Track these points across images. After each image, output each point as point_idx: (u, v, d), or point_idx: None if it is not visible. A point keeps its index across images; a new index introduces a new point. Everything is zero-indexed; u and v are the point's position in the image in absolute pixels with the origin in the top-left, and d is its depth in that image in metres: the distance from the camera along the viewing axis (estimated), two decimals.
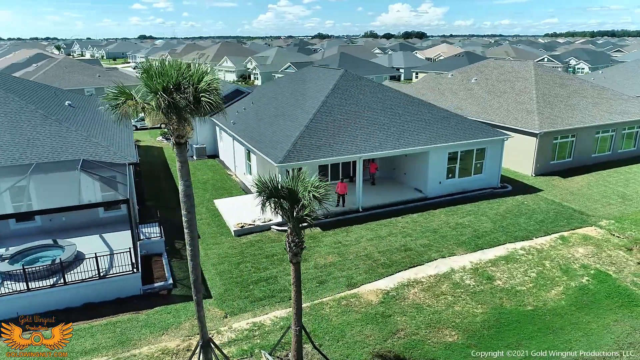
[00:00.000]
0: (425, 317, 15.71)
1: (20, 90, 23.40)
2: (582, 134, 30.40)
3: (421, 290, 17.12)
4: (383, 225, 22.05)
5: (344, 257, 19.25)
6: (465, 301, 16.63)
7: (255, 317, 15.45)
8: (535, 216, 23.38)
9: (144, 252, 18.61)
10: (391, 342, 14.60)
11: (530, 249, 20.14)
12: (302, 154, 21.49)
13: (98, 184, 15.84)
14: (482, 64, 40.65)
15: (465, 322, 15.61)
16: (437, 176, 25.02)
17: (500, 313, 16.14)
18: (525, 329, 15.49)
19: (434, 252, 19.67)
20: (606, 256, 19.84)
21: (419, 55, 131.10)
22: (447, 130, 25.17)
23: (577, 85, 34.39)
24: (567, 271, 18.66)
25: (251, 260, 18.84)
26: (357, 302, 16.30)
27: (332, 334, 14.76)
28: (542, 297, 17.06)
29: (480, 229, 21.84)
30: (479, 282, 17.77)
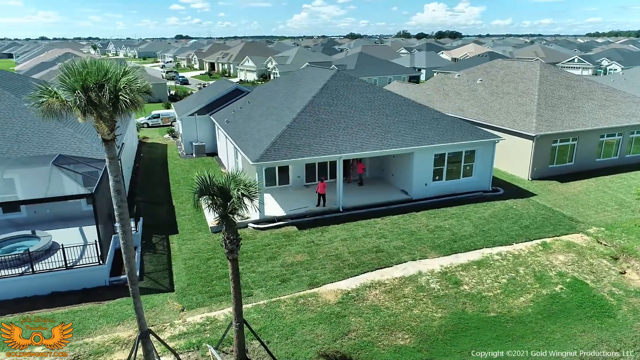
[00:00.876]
0: (380, 319, 15.59)
1: (18, 87, 24.54)
2: (584, 137, 29.27)
3: (382, 292, 16.99)
4: (360, 226, 21.94)
5: (313, 256, 19.29)
6: (426, 305, 16.40)
7: (210, 312, 15.74)
8: (521, 221, 22.72)
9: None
10: (340, 342, 14.58)
11: (507, 255, 19.61)
12: (280, 153, 21.65)
13: (67, 179, 16.48)
14: (489, 64, 39.71)
15: (421, 326, 15.40)
16: (422, 178, 24.67)
17: (460, 318, 15.84)
18: (484, 335, 15.16)
19: (406, 255, 19.44)
20: (587, 264, 19.11)
21: (444, 56, 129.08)
22: (434, 132, 24.78)
23: (585, 87, 33.11)
24: (541, 278, 18.09)
25: (221, 257, 19.14)
26: (315, 302, 16.33)
27: (282, 332, 14.86)
28: (509, 304, 16.63)
29: (460, 232, 21.42)
30: (445, 286, 17.46)
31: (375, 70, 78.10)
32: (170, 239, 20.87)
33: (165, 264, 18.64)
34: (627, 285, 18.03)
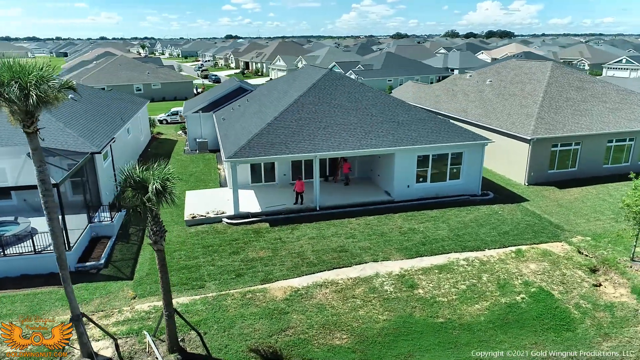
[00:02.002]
0: (323, 317, 15.59)
1: None
2: (588, 141, 27.72)
3: (333, 292, 16.95)
4: (333, 226, 21.91)
5: (276, 253, 19.50)
6: (373, 307, 16.22)
7: (159, 301, 16.21)
8: (502, 227, 21.89)
9: (94, 234, 20.28)
10: (276, 338, 14.72)
11: (474, 261, 19.00)
12: (255, 151, 21.99)
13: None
14: (502, 64, 38.32)
15: (362, 327, 15.27)
16: (404, 179, 24.27)
17: (405, 322, 15.56)
18: (425, 340, 14.84)
19: (368, 256, 19.26)
20: (559, 274, 18.20)
21: (483, 56, 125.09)
22: (419, 133, 24.31)
23: (599, 89, 31.31)
24: (504, 286, 17.42)
25: (186, 249, 19.75)
26: (262, 297, 16.55)
27: (222, 324, 15.18)
28: (461, 310, 16.15)
29: (432, 236, 20.94)
30: (399, 289, 17.18)
31: (402, 70, 77.00)
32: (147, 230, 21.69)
33: (133, 254, 19.45)
34: (598, 298, 17.03)
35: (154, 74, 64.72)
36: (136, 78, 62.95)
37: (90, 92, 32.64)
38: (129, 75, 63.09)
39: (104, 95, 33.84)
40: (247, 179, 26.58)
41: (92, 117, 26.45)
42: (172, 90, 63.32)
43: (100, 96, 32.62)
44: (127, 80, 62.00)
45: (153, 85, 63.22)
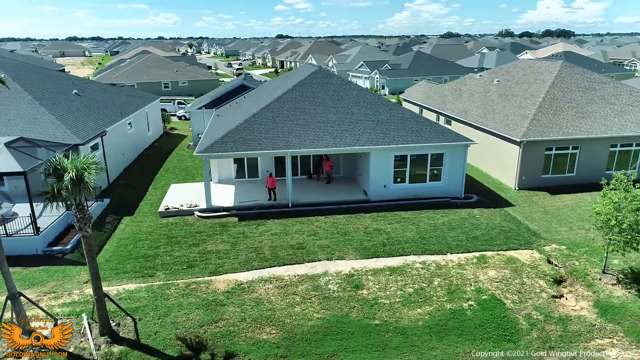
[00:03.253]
0: (257, 312, 15.73)
1: (30, 78, 28.11)
2: (588, 146, 26.06)
3: (275, 287, 17.04)
4: (300, 223, 21.95)
5: (235, 247, 19.82)
6: (311, 304, 16.17)
7: (109, 286, 17.00)
8: (474, 231, 21.09)
9: (70, 221, 21.44)
10: (206, 328, 15.03)
11: (431, 264, 18.46)
12: (227, 146, 22.42)
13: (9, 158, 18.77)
14: (514, 64, 36.72)
15: (294, 323, 15.29)
16: (380, 179, 23.88)
17: (339, 322, 15.41)
18: (354, 341, 14.66)
19: (324, 254, 19.17)
20: (518, 283, 17.35)
21: (527, 56, 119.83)
22: (398, 133, 23.83)
23: (610, 90, 29.33)
24: (454, 292, 16.83)
25: (151, 239, 20.47)
26: (205, 288, 16.91)
27: (158, 312, 15.67)
28: (401, 313, 15.79)
29: (396, 237, 20.51)
30: (343, 288, 17.01)
31: (430, 70, 75.25)
32: (124, 220, 22.68)
33: (102, 241, 20.38)
34: (553, 310, 16.11)
35: (181, 71, 67.07)
36: (165, 76, 65.50)
37: (99, 88, 34.39)
38: (158, 73, 65.75)
39: (113, 90, 35.54)
40: (231, 174, 27.12)
41: (90, 111, 27.90)
42: (198, 88, 65.22)
43: (108, 91, 34.29)
44: (155, 78, 64.64)
45: (180, 83, 65.53)
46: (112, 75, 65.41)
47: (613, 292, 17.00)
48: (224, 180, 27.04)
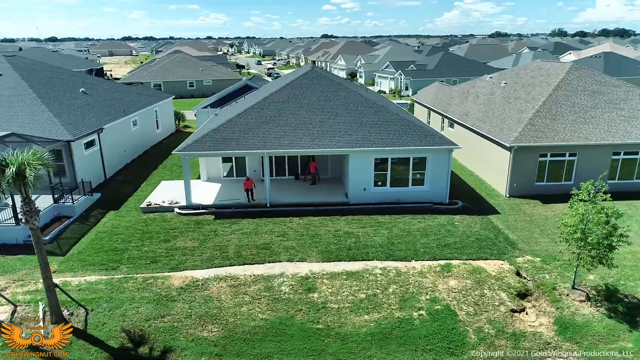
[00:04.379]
0: (204, 309, 15.97)
1: (40, 77, 29.75)
2: (588, 153, 24.58)
3: (229, 286, 17.22)
4: (273, 223, 22.03)
5: (203, 244, 20.17)
6: (259, 305, 16.24)
7: (73, 277, 17.79)
8: (447, 239, 20.43)
9: (56, 213, 22.57)
10: (151, 322, 15.42)
11: (392, 271, 18.05)
12: (205, 146, 22.85)
13: None
14: (525, 65, 35.17)
15: (237, 323, 15.42)
16: (360, 182, 23.58)
17: (282, 324, 15.41)
18: (291, 344, 14.63)
19: (286, 255, 19.17)
20: (477, 295, 16.68)
21: (570, 57, 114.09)
22: (380, 135, 23.43)
23: (620, 94, 27.53)
24: (407, 300, 16.41)
25: (126, 234, 21.17)
26: (160, 284, 17.32)
27: (111, 304, 16.22)
28: (347, 319, 15.57)
29: (365, 242, 20.19)
30: (295, 291, 16.96)
31: (456, 71, 73.22)
32: (108, 214, 23.59)
33: (80, 234, 21.30)
34: (509, 324, 15.39)
35: (207, 71, 68.79)
36: (190, 75, 67.40)
37: (109, 86, 35.88)
38: (183, 73, 67.76)
39: (123, 89, 36.94)
40: (220, 172, 27.59)
41: (92, 109, 29.20)
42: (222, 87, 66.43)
43: (117, 90, 35.70)
44: (181, 77, 66.65)
45: (205, 82, 67.20)
46: (140, 74, 68.04)
47: (579, 310, 16.03)
48: (213, 178, 27.56)
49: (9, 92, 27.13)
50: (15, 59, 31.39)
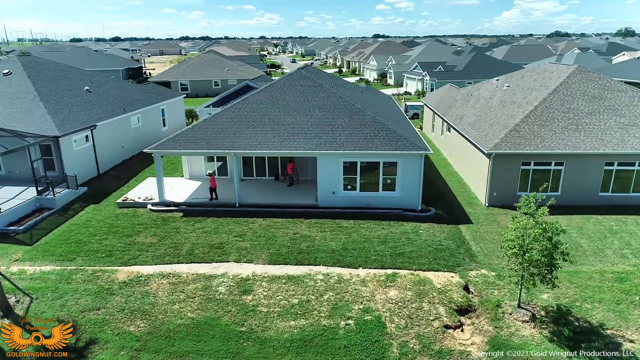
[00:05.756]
0: (138, 304, 16.35)
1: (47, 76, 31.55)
2: (576, 162, 22.89)
3: (169, 283, 17.53)
4: (236, 223, 22.17)
5: (161, 241, 20.64)
6: (192, 304, 16.41)
7: (31, 266, 18.74)
8: (404, 247, 19.74)
9: (38, 205, 23.88)
10: (85, 314, 15.97)
11: (334, 277, 17.69)
12: (176, 145, 23.36)
13: None
14: (533, 68, 33.33)
15: (164, 320, 15.67)
16: (329, 185, 23.25)
17: (207, 324, 15.50)
18: (210, 345, 14.71)
19: (236, 256, 19.25)
20: (414, 307, 16.02)
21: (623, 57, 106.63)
22: (350, 138, 22.99)
23: (624, 99, 25.42)
24: (339, 308, 16.02)
25: (95, 227, 22.04)
26: (106, 277, 17.90)
27: (56, 294, 16.95)
28: (273, 324, 15.42)
29: (318, 246, 19.89)
30: (231, 292, 17.00)
31: (486, 73, 70.14)
32: (88, 208, 24.65)
33: (55, 225, 22.39)
34: (438, 341, 14.67)
35: (232, 70, 70.26)
36: (216, 74, 69.13)
37: (118, 85, 37.45)
38: (210, 72, 69.59)
39: (130, 87, 38.42)
40: (202, 171, 28.12)
41: (91, 107, 30.62)
42: None
43: (125, 88, 37.19)
44: (207, 76, 68.50)
45: (230, 81, 68.65)
46: (169, 73, 70.58)
47: (519, 330, 15.01)
48: (195, 177, 28.15)
49: (14, 89, 28.98)
50: (28, 58, 33.47)
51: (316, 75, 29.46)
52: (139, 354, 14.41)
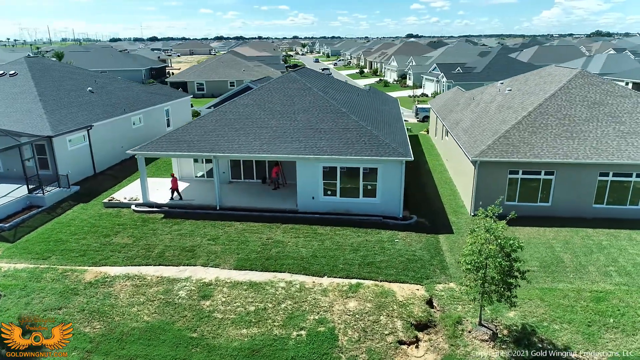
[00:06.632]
0: (98, 305, 16.54)
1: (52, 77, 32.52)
2: (567, 172, 21.71)
3: (132, 285, 17.66)
4: (212, 226, 22.15)
5: (136, 242, 20.86)
6: (151, 307, 16.47)
7: (7, 263, 19.25)
8: (376, 257, 19.22)
9: (29, 203, 24.60)
10: (47, 313, 16.28)
11: (296, 285, 17.40)
12: (159, 147, 23.57)
13: None
14: (537, 71, 31.97)
15: (120, 322, 15.79)
16: (309, 190, 22.92)
17: (160, 328, 15.52)
18: (159, 350, 14.72)
19: (204, 260, 19.23)
20: (371, 320, 15.54)
21: None
22: (330, 142, 22.60)
23: (626, 106, 23.93)
24: (294, 318, 15.73)
25: (77, 226, 22.49)
26: (74, 277, 18.21)
27: (24, 292, 17.36)
28: (224, 331, 15.31)
29: (288, 252, 19.63)
30: (190, 296, 16.97)
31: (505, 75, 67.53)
32: (76, 207, 25.21)
33: (40, 223, 22.99)
34: (389, 357, 14.18)
35: (248, 71, 70.76)
36: (232, 75, 69.80)
37: (124, 85, 38.24)
38: (225, 72, 70.34)
39: (135, 88, 39.13)
40: (192, 173, 28.32)
41: (90, 107, 31.36)
42: None
43: (129, 89, 37.94)
44: (223, 77, 69.27)
45: (245, 82, 69.12)
46: (187, 74, 71.78)
47: (476, 350, 14.31)
48: (185, 178, 28.36)
49: (17, 90, 30.02)
50: (35, 59, 34.65)
51: (308, 78, 29.17)
52: (90, 356, 14.53)
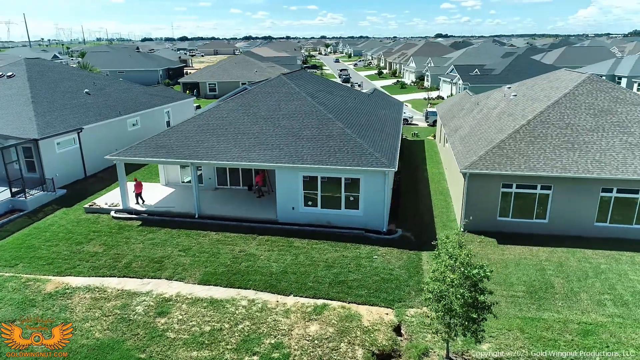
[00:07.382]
0: (53, 319, 15.94)
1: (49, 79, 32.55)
2: (566, 187, 19.95)
3: (91, 298, 17.02)
4: (186, 235, 21.39)
5: (106, 251, 20.28)
6: (104, 323, 15.75)
7: None
8: (349, 275, 18.02)
9: (11, 207, 24.45)
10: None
11: (258, 304, 16.39)
12: (138, 152, 22.98)
13: None
14: (546, 75, 30.08)
15: (70, 339, 15.10)
16: (288, 200, 21.88)
17: (109, 347, 14.76)
18: None
19: (170, 273, 18.45)
20: (330, 347, 14.38)
21: None
22: (313, 151, 21.50)
23: (639, 116, 21.95)
24: (249, 341, 14.73)
25: (52, 232, 22.11)
26: (36, 287, 17.70)
27: None
28: (173, 352, 14.42)
29: (259, 267, 18.64)
30: (147, 313, 16.18)
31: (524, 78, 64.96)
32: (58, 211, 24.91)
33: (18, 228, 22.73)
34: None
35: (260, 72, 70.21)
36: (244, 75, 69.40)
37: (124, 87, 38.10)
38: (238, 73, 70.02)
39: (135, 89, 38.93)
40: (178, 178, 27.70)
41: (84, 110, 31.19)
42: None
43: (129, 91, 37.77)
44: (235, 77, 68.96)
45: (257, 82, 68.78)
46: (199, 74, 71.85)
47: None
48: (172, 183, 27.79)
49: (13, 92, 30.11)
50: (34, 61, 34.78)
51: (299, 81, 28.11)
52: None
